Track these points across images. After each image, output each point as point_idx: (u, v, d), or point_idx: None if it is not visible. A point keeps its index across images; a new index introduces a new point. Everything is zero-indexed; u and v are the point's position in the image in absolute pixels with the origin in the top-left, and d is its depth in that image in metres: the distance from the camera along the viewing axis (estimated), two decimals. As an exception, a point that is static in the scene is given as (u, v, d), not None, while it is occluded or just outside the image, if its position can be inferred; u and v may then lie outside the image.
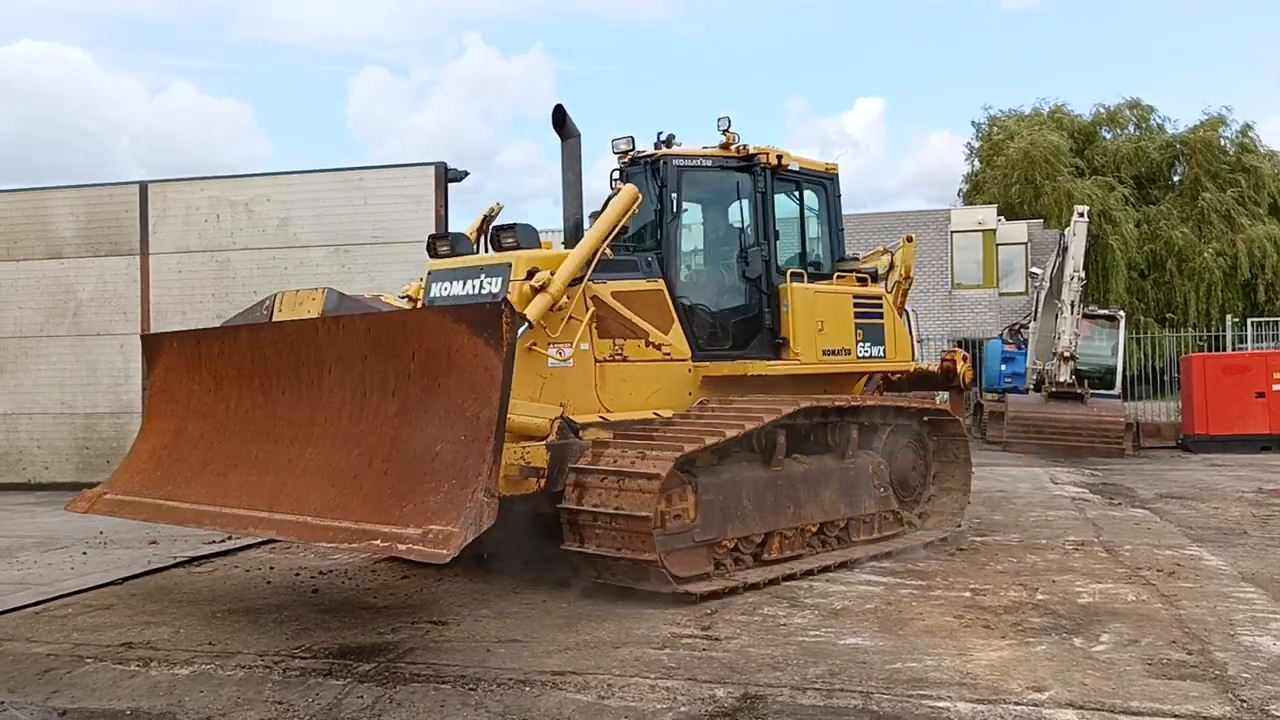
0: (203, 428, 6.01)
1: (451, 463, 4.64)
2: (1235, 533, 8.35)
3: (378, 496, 4.83)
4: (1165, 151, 31.84)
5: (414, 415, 4.95)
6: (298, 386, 5.56)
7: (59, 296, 13.03)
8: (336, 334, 5.41)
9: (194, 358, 6.17)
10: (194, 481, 5.78)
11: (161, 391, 6.38)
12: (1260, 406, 17.08)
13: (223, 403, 5.95)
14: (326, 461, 5.21)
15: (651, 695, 4.20)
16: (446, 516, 4.42)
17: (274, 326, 6.12)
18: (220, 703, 4.22)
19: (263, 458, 5.57)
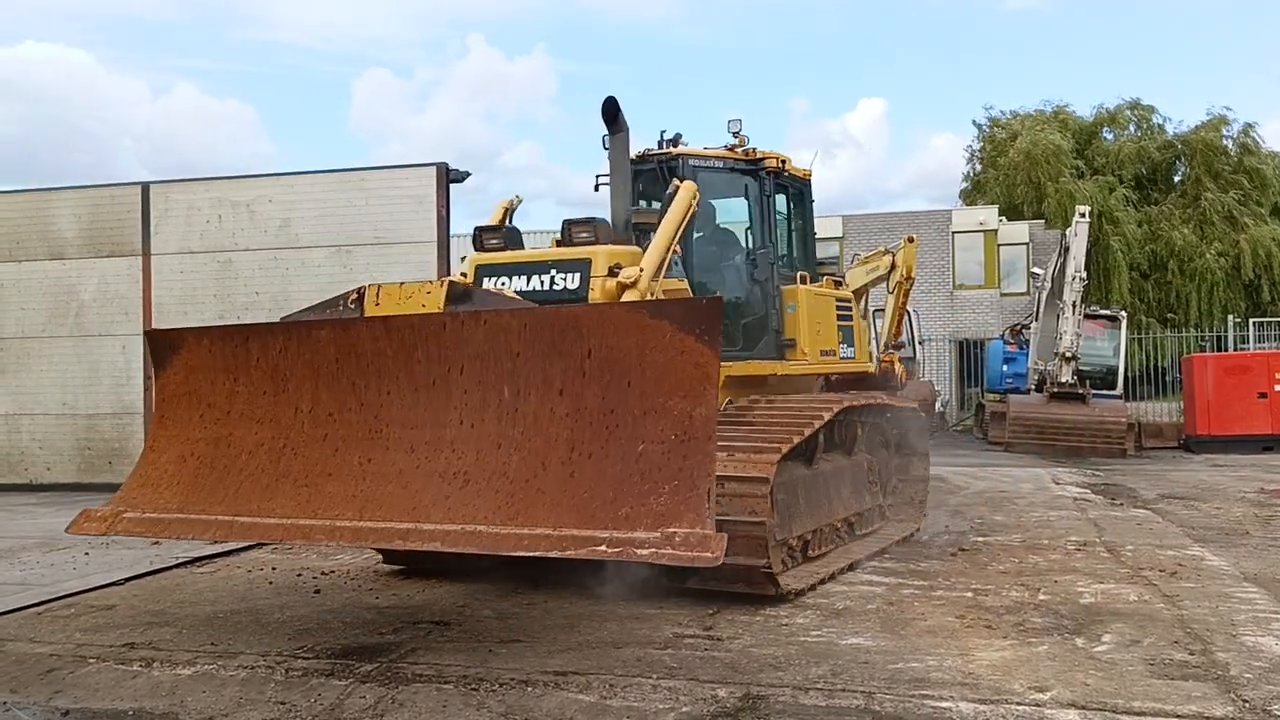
0: (260, 434, 5.33)
1: (665, 463, 4.45)
2: (1237, 533, 8.34)
3: (573, 501, 4.55)
4: (1166, 152, 31.86)
5: (595, 415, 4.69)
6: (412, 387, 5.06)
7: (61, 297, 13.04)
8: (474, 329, 4.95)
9: (238, 356, 5.44)
10: (268, 494, 5.13)
11: (183, 394, 5.58)
12: (1262, 407, 17.09)
13: (288, 406, 5.30)
14: (476, 467, 4.82)
15: (654, 695, 4.20)
16: (687, 519, 4.24)
17: (375, 322, 5.42)
18: (223, 703, 4.23)
19: (372, 466, 5.04)
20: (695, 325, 4.49)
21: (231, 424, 5.42)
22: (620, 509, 4.40)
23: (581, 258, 6.43)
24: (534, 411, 4.80)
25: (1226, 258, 28.41)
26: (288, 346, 5.33)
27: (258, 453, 5.30)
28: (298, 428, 5.27)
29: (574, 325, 4.79)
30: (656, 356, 4.56)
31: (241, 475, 5.26)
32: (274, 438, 5.29)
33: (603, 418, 4.64)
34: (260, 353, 5.38)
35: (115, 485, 13.06)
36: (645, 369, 4.59)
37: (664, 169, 7.69)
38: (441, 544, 4.65)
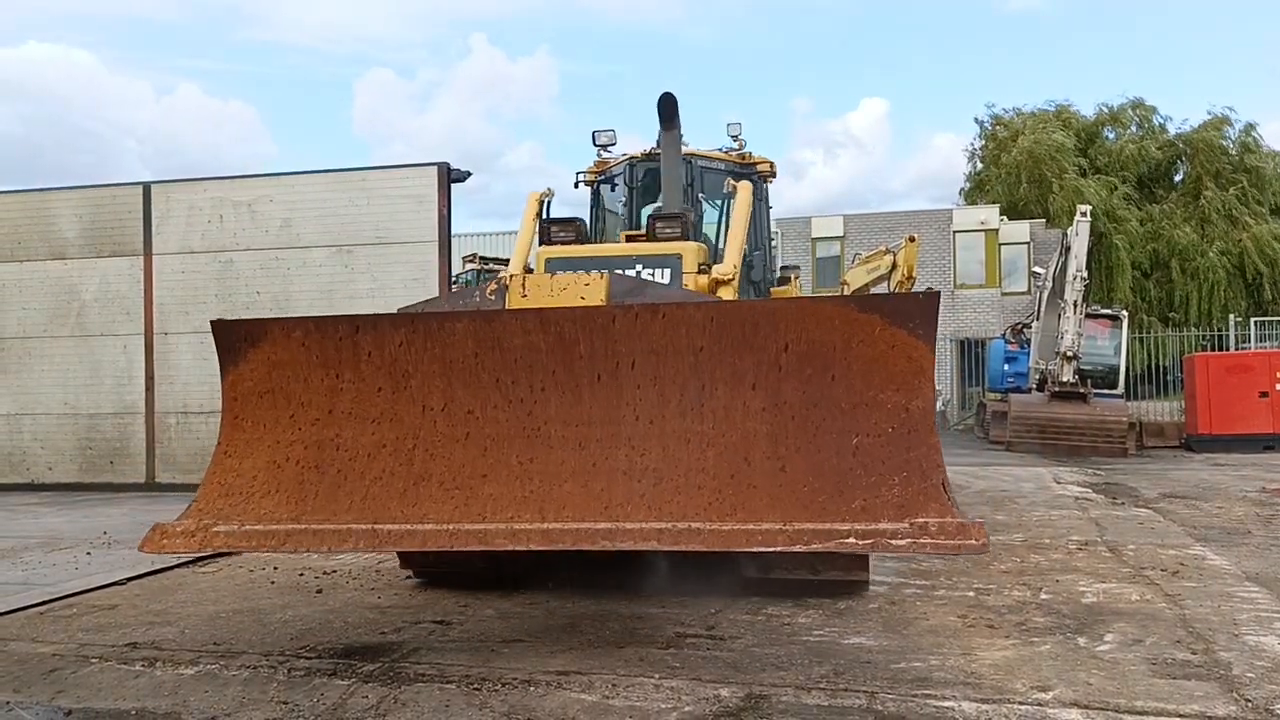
0: (380, 435, 4.94)
1: (887, 455, 4.45)
2: (1239, 532, 8.34)
3: (794, 495, 4.49)
4: (1167, 151, 31.88)
5: (796, 409, 4.63)
6: (573, 383, 4.83)
7: (62, 297, 13.06)
8: (652, 324, 4.76)
9: (343, 349, 4.97)
10: (410, 499, 4.77)
11: (264, 393, 5.06)
12: (1263, 406, 17.09)
13: (412, 404, 4.93)
14: (666, 464, 4.68)
15: (656, 695, 4.20)
16: (932, 509, 4.26)
17: (528, 314, 5.09)
18: (225, 703, 4.23)
19: (536, 465, 4.79)
20: (909, 319, 4.49)
21: (336, 424, 4.97)
22: (852, 501, 4.38)
23: (672, 253, 6.39)
24: (724, 406, 4.71)
25: (1228, 256, 28.43)
26: (411, 340, 4.93)
27: (379, 455, 4.91)
28: (428, 427, 4.91)
29: (769, 319, 4.70)
30: (864, 350, 4.54)
31: (365, 479, 4.84)
32: (398, 438, 4.91)
33: (805, 411, 4.60)
34: (373, 346, 4.94)
35: (116, 485, 13.15)
36: (851, 363, 4.57)
37: None
38: (657, 543, 4.51)
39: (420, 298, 11.80)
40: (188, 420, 12.65)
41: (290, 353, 5.00)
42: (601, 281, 5.42)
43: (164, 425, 12.73)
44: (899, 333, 4.49)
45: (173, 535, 4.74)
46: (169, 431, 12.71)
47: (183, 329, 12.65)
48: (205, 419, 12.57)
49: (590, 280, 5.45)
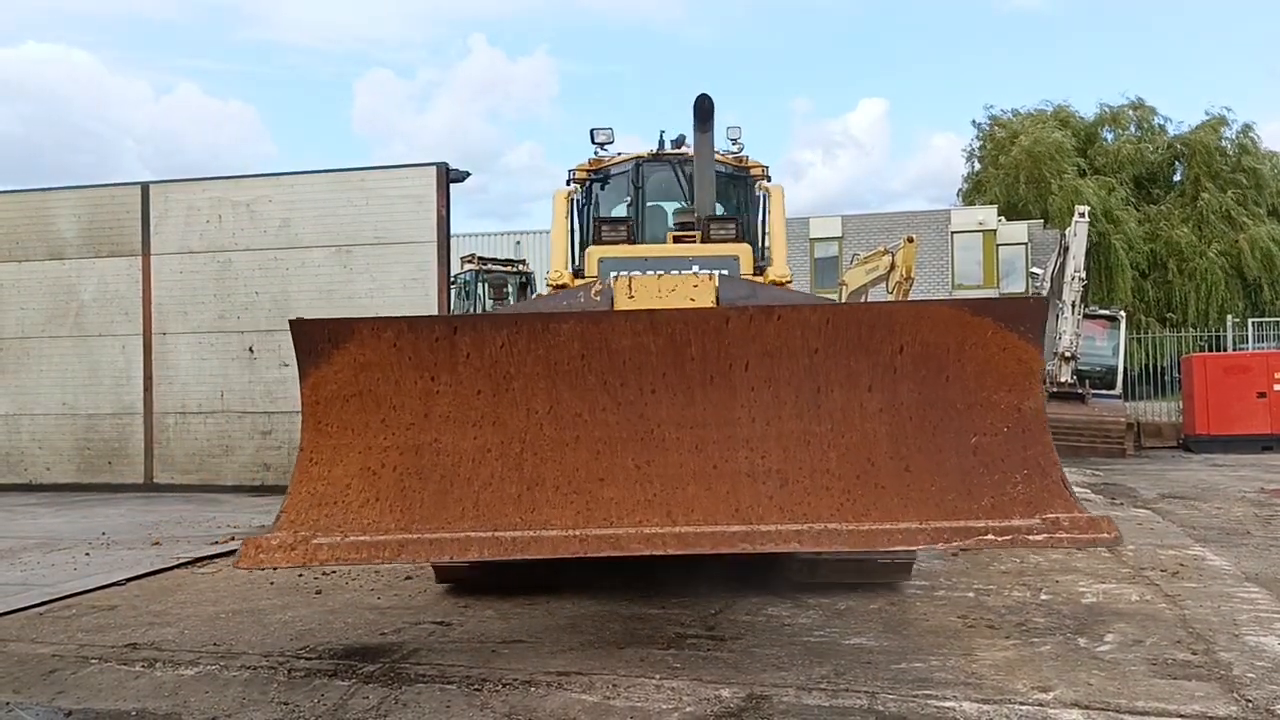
0: (483, 439, 4.78)
1: (1006, 454, 4.59)
2: (1238, 533, 8.35)
3: (923, 494, 4.57)
4: (1165, 152, 31.94)
5: (913, 410, 4.71)
6: (684, 385, 4.78)
7: (61, 297, 13.05)
8: (767, 326, 4.75)
9: (440, 351, 4.78)
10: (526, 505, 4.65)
11: (350, 396, 4.77)
12: (1261, 406, 17.11)
13: (516, 407, 4.78)
14: (789, 465, 4.69)
15: (657, 695, 4.20)
16: (1058, 505, 4.43)
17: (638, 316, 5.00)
18: (225, 703, 4.23)
19: (654, 468, 4.72)
20: (1019, 323, 4.63)
21: (434, 429, 4.77)
22: (980, 499, 4.50)
23: (729, 255, 6.43)
24: (841, 408, 4.74)
25: (1226, 257, 28.48)
26: (514, 341, 4.77)
27: (485, 460, 4.74)
28: (534, 430, 4.78)
29: (885, 321, 4.76)
30: (977, 352, 4.66)
31: (474, 485, 4.68)
32: (503, 442, 4.76)
33: (922, 412, 4.69)
34: (472, 348, 4.76)
35: (115, 486, 13.14)
36: (965, 364, 4.68)
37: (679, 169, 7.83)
38: (798, 544, 4.54)
39: (419, 298, 11.85)
40: (186, 420, 12.64)
41: (380, 354, 4.75)
42: (710, 283, 5.39)
43: (162, 425, 12.71)
44: (1010, 335, 4.64)
45: (270, 550, 4.46)
46: (167, 432, 12.70)
47: (181, 329, 12.64)
48: (203, 419, 12.56)
49: (699, 281, 5.43)
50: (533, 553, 4.52)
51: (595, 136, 7.98)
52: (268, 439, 12.36)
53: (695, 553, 4.61)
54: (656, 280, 5.39)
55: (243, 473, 12.41)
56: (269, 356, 12.38)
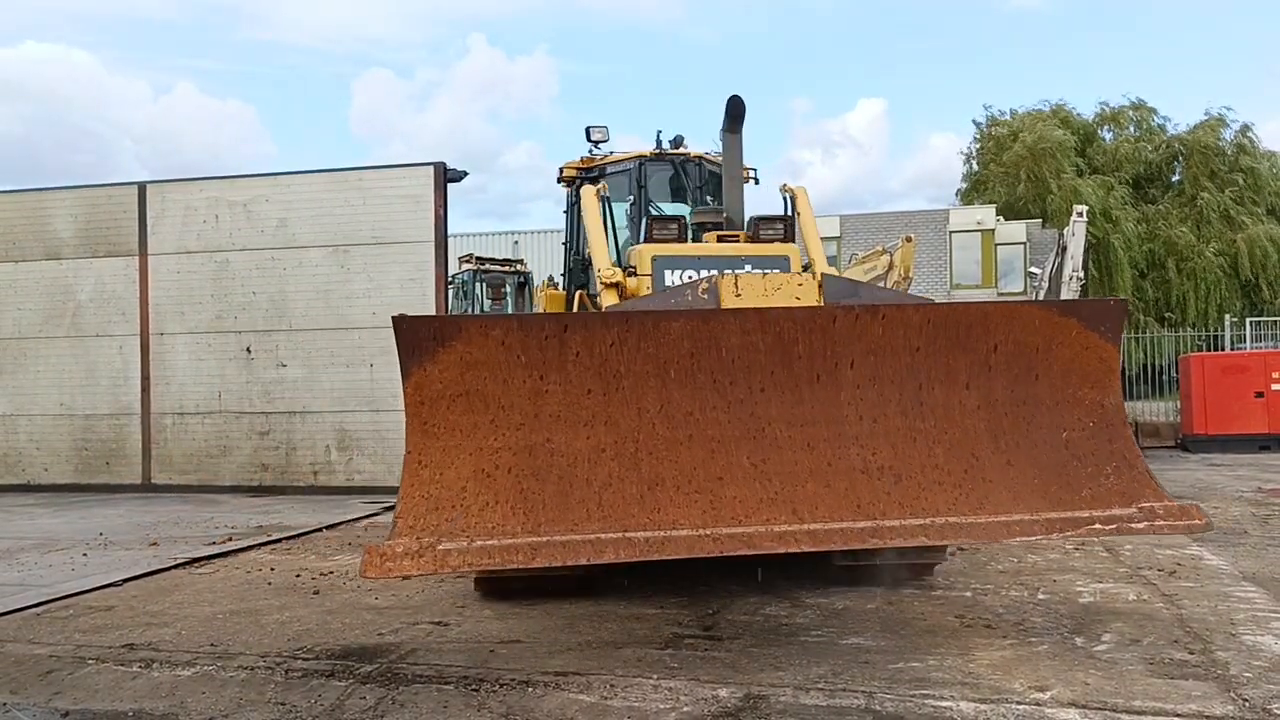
0: (596, 439, 4.70)
1: (1094, 448, 4.86)
2: (1235, 532, 8.36)
3: (1028, 487, 4.77)
4: (1164, 152, 31.96)
5: (1007, 407, 4.94)
6: (792, 383, 4.82)
7: (58, 297, 13.04)
8: (871, 325, 4.83)
9: (549, 349, 4.69)
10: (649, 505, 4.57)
11: (456, 396, 4.63)
12: (1259, 406, 17.11)
13: (627, 406, 4.74)
14: (900, 462, 4.79)
15: (654, 695, 4.20)
16: (1148, 494, 4.71)
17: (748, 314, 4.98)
18: (223, 704, 4.22)
19: (769, 466, 4.73)
20: (1101, 323, 4.93)
21: (545, 429, 4.67)
22: (1080, 490, 4.74)
23: (780, 254, 6.58)
24: (942, 404, 4.90)
25: (1224, 257, 28.51)
26: (624, 340, 4.72)
27: (600, 460, 4.66)
28: (647, 430, 4.73)
29: (982, 321, 4.92)
30: (1063, 351, 4.91)
31: (593, 486, 4.60)
32: (617, 442, 4.69)
33: (1015, 409, 4.91)
34: (582, 347, 4.69)
35: (112, 486, 13.13)
36: (1052, 363, 4.92)
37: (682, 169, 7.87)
38: (925, 538, 4.63)
39: (417, 298, 11.84)
40: (184, 421, 12.63)
41: (488, 352, 4.62)
42: (813, 282, 5.48)
43: (160, 426, 12.70)
44: (1093, 335, 4.92)
45: (396, 557, 4.27)
46: (165, 432, 12.68)
47: (178, 329, 12.63)
48: (201, 419, 12.55)
49: (803, 280, 5.51)
50: (668, 553, 4.47)
51: (591, 134, 7.99)
52: (265, 439, 12.35)
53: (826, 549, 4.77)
54: (762, 279, 5.45)
55: (240, 473, 12.40)
56: (266, 357, 12.37)
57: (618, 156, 8.23)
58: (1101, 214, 27.40)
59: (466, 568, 4.35)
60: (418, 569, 4.27)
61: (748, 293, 5.41)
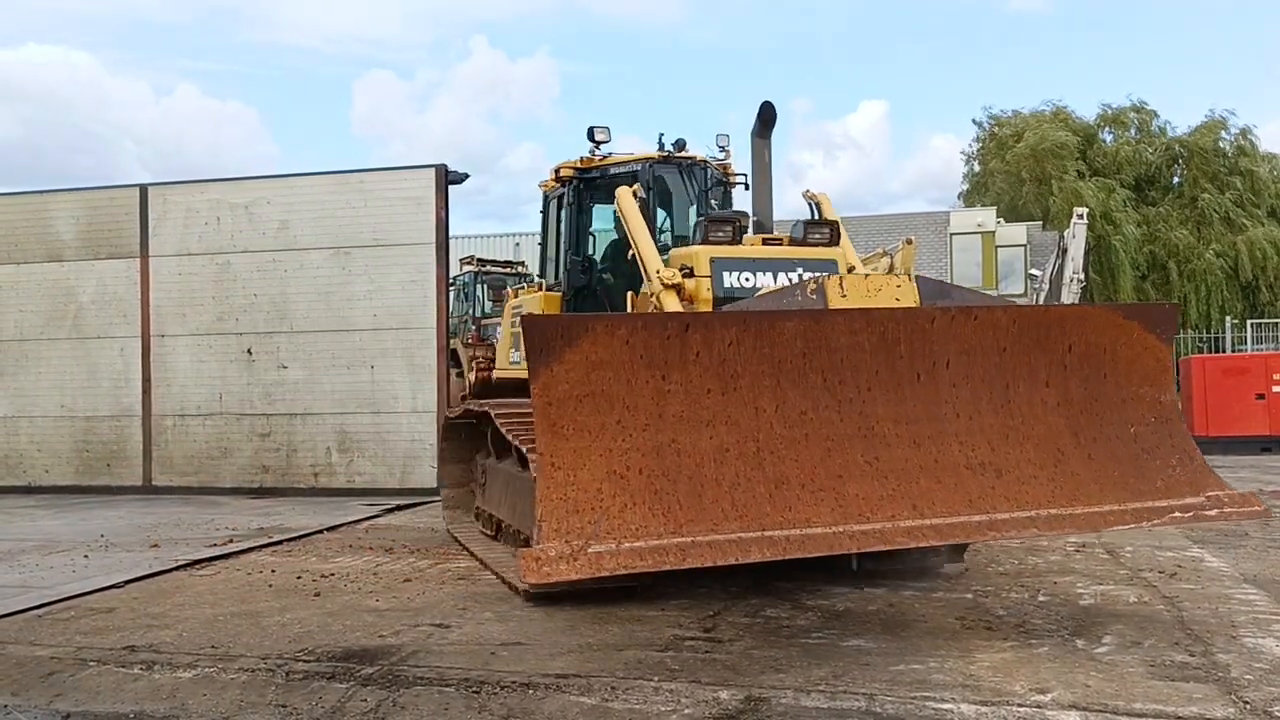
0: (718, 439, 4.71)
1: (1158, 441, 5.26)
2: (1236, 534, 8.35)
3: (1110, 479, 5.11)
4: (1164, 154, 31.98)
5: (1082, 404, 5.26)
6: (895, 382, 4.96)
7: (59, 299, 13.05)
8: (965, 325, 5.04)
9: (671, 349, 4.67)
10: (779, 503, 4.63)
11: (583, 396, 4.56)
12: (1260, 408, 17.12)
13: (745, 405, 4.76)
14: (997, 457, 5.05)
15: (655, 698, 4.20)
16: (1211, 484, 5.15)
17: (855, 314, 5.10)
18: (224, 706, 4.22)
19: (882, 464, 4.86)
20: (1157, 326, 5.35)
21: (668, 429, 4.66)
22: (1154, 482, 5.11)
23: (829, 258, 6.80)
24: (1026, 402, 5.18)
25: (1224, 259, 28.51)
26: (741, 339, 4.74)
27: (725, 460, 4.68)
28: (766, 429, 4.77)
29: (1059, 322, 5.29)
30: (1125, 352, 5.29)
31: (722, 486, 4.62)
32: (740, 441, 4.72)
33: (1088, 405, 5.25)
34: (702, 346, 4.69)
35: (113, 488, 13.15)
36: (1118, 362, 5.30)
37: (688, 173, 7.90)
38: (1035, 530, 4.90)
39: (418, 300, 11.85)
40: (185, 423, 12.63)
41: (613, 353, 4.59)
42: (910, 284, 5.65)
43: (161, 428, 12.71)
44: (1151, 337, 5.33)
45: (551, 562, 4.24)
46: (166, 434, 12.69)
47: (180, 331, 12.64)
48: (202, 421, 12.56)
49: (900, 282, 5.66)
50: (809, 550, 4.57)
51: (595, 135, 7.94)
52: (266, 441, 12.36)
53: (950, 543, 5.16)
54: (864, 280, 5.58)
55: (241, 475, 12.41)
56: (267, 359, 12.38)
57: (623, 158, 8.16)
58: (1102, 216, 27.42)
59: (621, 570, 4.32)
60: (575, 573, 4.25)
61: (852, 294, 5.52)
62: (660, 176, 7.89)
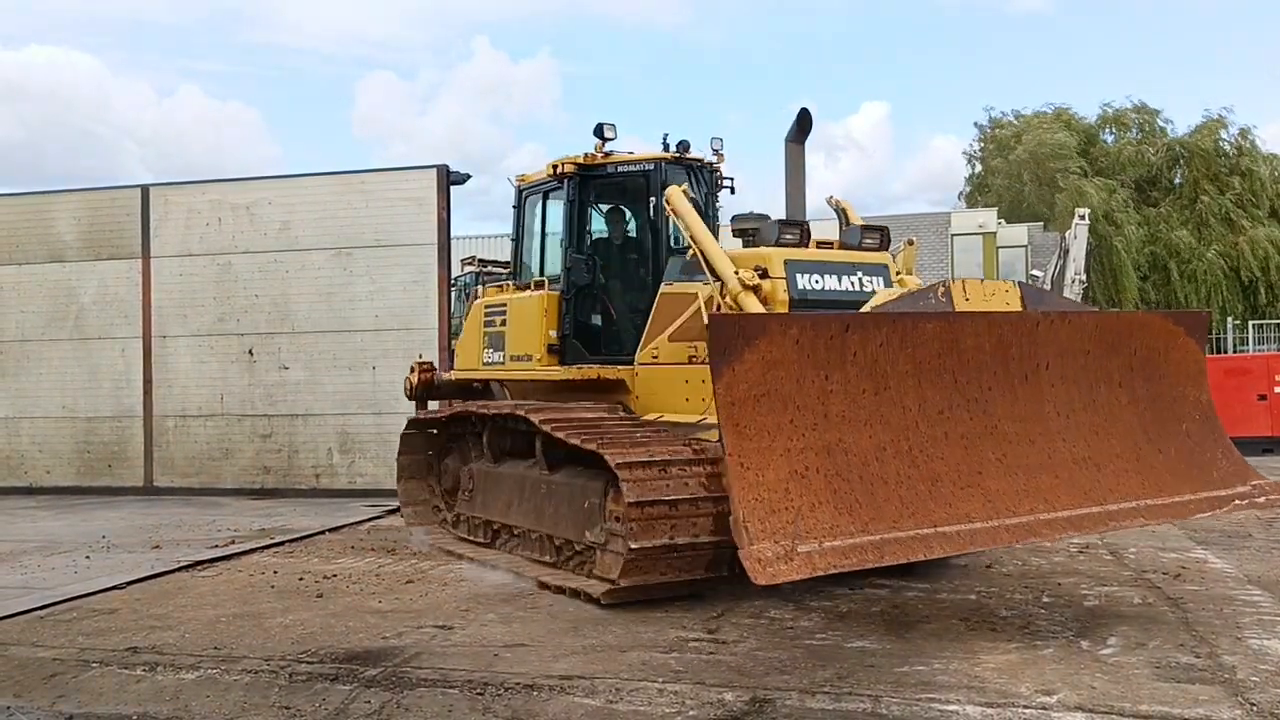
0: (875, 438, 4.82)
1: (1204, 436, 5.75)
2: (1239, 535, 8.35)
3: (1182, 470, 5.55)
4: (1165, 154, 31.94)
5: (1146, 403, 5.66)
6: (1008, 382, 5.21)
7: (61, 300, 13.03)
8: (1061, 329, 5.42)
9: (833, 349, 4.76)
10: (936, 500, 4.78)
11: (760, 396, 4.59)
12: (1262, 409, 17.06)
13: (894, 405, 4.90)
14: (1097, 453, 5.41)
15: (660, 699, 4.19)
16: (1247, 474, 5.72)
17: (978, 318, 5.27)
18: (227, 707, 4.22)
19: (1008, 460, 5.09)
20: (1195, 331, 5.87)
21: (832, 428, 4.74)
22: (1212, 473, 5.60)
23: (882, 262, 7.02)
24: (1105, 401, 5.54)
25: (1225, 259, 28.49)
26: (890, 339, 4.88)
27: (884, 458, 4.80)
28: (913, 427, 4.93)
29: (1127, 328, 5.72)
30: (1173, 354, 5.76)
31: (890, 484, 4.74)
32: (894, 440, 4.86)
33: (1150, 404, 5.67)
34: (859, 346, 4.81)
35: (115, 489, 13.13)
36: (1169, 365, 5.75)
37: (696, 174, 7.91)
38: (1143, 520, 5.29)
39: (420, 301, 11.83)
40: (186, 424, 12.62)
41: (785, 352, 4.64)
42: (1015, 289, 5.84)
43: (162, 429, 12.69)
44: (1191, 341, 5.82)
45: (771, 563, 4.26)
46: (167, 435, 12.67)
47: (181, 332, 12.62)
48: (203, 422, 12.54)
49: (1008, 287, 5.86)
50: (977, 545, 4.88)
51: (604, 132, 7.82)
52: (267, 442, 12.34)
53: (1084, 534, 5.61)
54: (981, 285, 5.75)
55: (243, 476, 12.39)
56: (268, 359, 12.36)
57: (633, 156, 7.99)
58: (1104, 217, 27.39)
59: (831, 569, 4.36)
60: (794, 573, 4.27)
61: (974, 298, 5.69)
62: (672, 178, 7.78)
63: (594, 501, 6.15)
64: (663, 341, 7.07)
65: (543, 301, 7.86)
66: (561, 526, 6.57)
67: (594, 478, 6.17)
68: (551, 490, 6.70)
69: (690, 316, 6.81)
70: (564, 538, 6.56)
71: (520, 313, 8.14)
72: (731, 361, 4.51)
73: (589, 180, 7.92)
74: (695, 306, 6.74)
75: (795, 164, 7.42)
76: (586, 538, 6.24)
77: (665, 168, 7.72)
